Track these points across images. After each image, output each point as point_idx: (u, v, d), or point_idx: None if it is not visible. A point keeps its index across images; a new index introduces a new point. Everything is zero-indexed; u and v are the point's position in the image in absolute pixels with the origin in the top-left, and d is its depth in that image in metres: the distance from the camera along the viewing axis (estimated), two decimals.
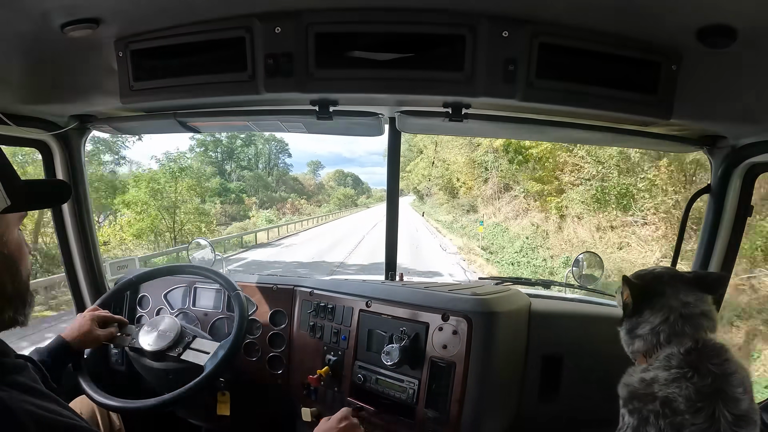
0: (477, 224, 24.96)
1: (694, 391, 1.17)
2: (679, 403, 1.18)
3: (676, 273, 1.40)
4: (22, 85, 1.59)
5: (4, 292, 0.93)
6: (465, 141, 25.70)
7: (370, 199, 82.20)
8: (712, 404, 1.15)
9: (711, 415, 1.15)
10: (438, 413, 1.59)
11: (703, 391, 1.17)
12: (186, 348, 1.88)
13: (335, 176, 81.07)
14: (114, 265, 2.49)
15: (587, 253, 2.50)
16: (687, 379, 1.20)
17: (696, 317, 1.29)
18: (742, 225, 1.90)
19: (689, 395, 1.17)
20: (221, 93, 1.59)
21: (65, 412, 0.88)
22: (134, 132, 2.51)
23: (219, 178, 50.78)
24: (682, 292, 1.32)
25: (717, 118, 1.62)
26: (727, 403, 1.16)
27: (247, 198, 51.21)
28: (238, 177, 55.74)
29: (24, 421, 0.80)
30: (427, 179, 36.60)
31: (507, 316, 1.66)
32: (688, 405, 1.16)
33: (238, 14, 1.44)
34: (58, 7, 1.29)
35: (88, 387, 1.77)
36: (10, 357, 0.92)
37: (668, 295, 1.33)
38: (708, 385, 1.18)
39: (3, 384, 0.84)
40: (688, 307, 1.30)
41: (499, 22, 1.39)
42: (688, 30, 1.30)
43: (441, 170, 31.89)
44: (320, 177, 76.64)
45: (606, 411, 1.85)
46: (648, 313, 1.34)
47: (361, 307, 1.84)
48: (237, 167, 56.41)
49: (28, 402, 0.83)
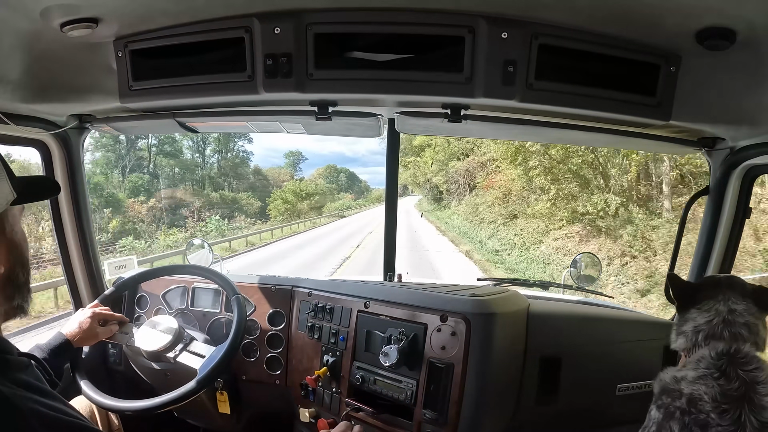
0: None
1: (719, 392, 1.18)
2: (704, 402, 1.18)
3: (735, 281, 1.41)
4: (21, 84, 1.59)
5: (16, 281, 0.98)
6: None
7: (364, 200, 69.52)
8: (738, 408, 1.15)
9: (737, 418, 1.14)
10: (436, 414, 1.59)
11: (729, 394, 1.17)
12: (183, 350, 1.88)
13: (326, 173, 68.86)
14: (112, 265, 2.48)
15: (585, 254, 2.50)
16: (714, 379, 1.20)
17: (738, 325, 1.30)
18: (741, 227, 1.90)
19: (714, 395, 1.17)
20: (220, 93, 1.59)
21: (69, 411, 0.88)
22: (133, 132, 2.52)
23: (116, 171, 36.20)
24: (732, 300, 1.34)
25: (715, 120, 1.62)
26: (753, 409, 1.15)
27: (135, 200, 33.63)
28: (155, 164, 39.90)
29: (29, 418, 0.80)
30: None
31: (505, 317, 1.66)
32: (713, 405, 1.17)
33: (238, 14, 1.45)
34: (57, 6, 1.29)
35: (87, 387, 1.77)
36: (13, 354, 0.92)
37: (719, 299, 1.35)
38: (735, 389, 1.18)
39: (7, 381, 0.84)
40: (733, 315, 1.31)
41: (498, 23, 1.39)
42: (687, 32, 1.30)
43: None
44: (302, 172, 62.97)
45: (604, 412, 1.86)
46: (695, 312, 1.37)
47: (360, 307, 1.83)
48: (155, 152, 40.27)
49: (32, 400, 0.83)
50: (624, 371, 1.86)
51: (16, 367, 0.89)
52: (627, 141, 1.87)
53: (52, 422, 0.83)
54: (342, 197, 64.60)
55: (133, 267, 2.58)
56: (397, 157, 2.30)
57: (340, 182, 70.65)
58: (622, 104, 1.52)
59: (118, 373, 2.22)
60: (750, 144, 1.71)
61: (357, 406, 1.75)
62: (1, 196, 0.93)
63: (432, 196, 38.39)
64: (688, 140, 1.82)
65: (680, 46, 1.41)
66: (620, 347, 1.90)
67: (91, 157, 35.10)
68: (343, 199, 64.61)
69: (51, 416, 0.83)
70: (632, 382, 1.86)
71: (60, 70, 1.63)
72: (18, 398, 0.81)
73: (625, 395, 1.85)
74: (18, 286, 0.98)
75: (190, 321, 2.16)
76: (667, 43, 1.41)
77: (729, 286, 1.37)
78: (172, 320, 1.93)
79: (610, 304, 2.39)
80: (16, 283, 0.98)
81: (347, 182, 73.08)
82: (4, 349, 0.91)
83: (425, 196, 43.28)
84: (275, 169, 57.39)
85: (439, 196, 36.25)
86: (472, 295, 1.66)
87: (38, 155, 2.08)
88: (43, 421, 0.82)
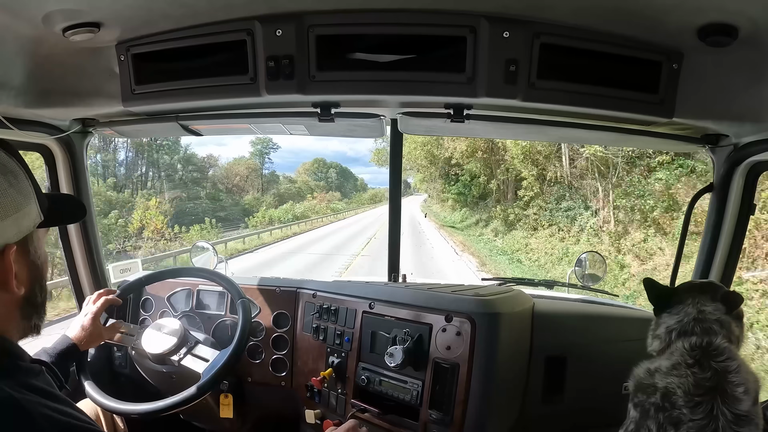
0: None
1: (693, 382, 1.21)
2: (677, 396, 1.21)
3: (707, 286, 1.46)
4: (24, 89, 1.59)
5: (35, 301, 0.98)
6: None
7: (347, 202, 57.84)
8: (711, 400, 1.18)
9: (709, 411, 1.17)
10: (442, 414, 1.59)
11: (702, 384, 1.21)
12: (187, 353, 1.89)
13: (312, 167, 58.63)
14: (117, 269, 2.48)
15: (590, 252, 2.49)
16: (688, 366, 1.24)
17: (709, 322, 1.34)
18: (745, 223, 1.89)
19: (688, 387, 1.21)
20: (223, 96, 1.60)
21: (80, 416, 0.89)
22: (136, 135, 2.52)
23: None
24: (701, 302, 1.38)
25: (719, 116, 1.62)
26: (726, 400, 1.18)
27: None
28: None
29: (42, 424, 0.81)
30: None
31: (510, 317, 1.66)
32: (686, 399, 1.20)
33: (239, 17, 1.45)
34: (59, 11, 1.29)
35: (92, 389, 1.78)
36: (26, 361, 0.93)
37: (689, 303, 1.39)
38: (707, 378, 1.21)
39: (20, 387, 0.84)
40: (703, 314, 1.35)
41: (499, 22, 1.39)
42: (689, 29, 1.30)
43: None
44: (273, 165, 52.26)
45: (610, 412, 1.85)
46: (666, 316, 1.42)
47: (365, 308, 1.83)
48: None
49: (44, 405, 0.83)
50: (630, 370, 1.86)
51: (29, 373, 0.90)
52: (630, 139, 1.86)
53: (65, 427, 0.84)
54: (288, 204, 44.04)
55: (138, 270, 2.58)
56: (400, 158, 2.30)
57: (329, 179, 60.23)
58: (624, 102, 1.52)
59: (124, 375, 2.22)
60: (753, 140, 1.70)
61: (363, 407, 1.75)
62: (29, 218, 0.93)
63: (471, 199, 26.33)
64: (691, 137, 1.82)
65: (682, 42, 1.40)
66: (626, 346, 1.89)
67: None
68: (309, 201, 49.31)
69: (63, 421, 0.84)
70: None
71: (63, 74, 1.64)
72: (30, 403, 0.82)
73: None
74: (36, 306, 0.99)
75: (195, 323, 2.16)
76: (669, 40, 1.41)
77: (700, 291, 1.42)
78: (177, 323, 1.93)
79: (615, 302, 2.38)
80: (34, 304, 0.99)
81: (338, 180, 62.21)
82: (17, 356, 0.92)
83: (430, 196, 40.36)
84: (239, 163, 45.49)
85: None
86: (476, 295, 1.66)
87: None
88: (56, 426, 0.82)
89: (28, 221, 0.93)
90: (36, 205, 0.94)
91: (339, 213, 49.63)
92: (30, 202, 0.93)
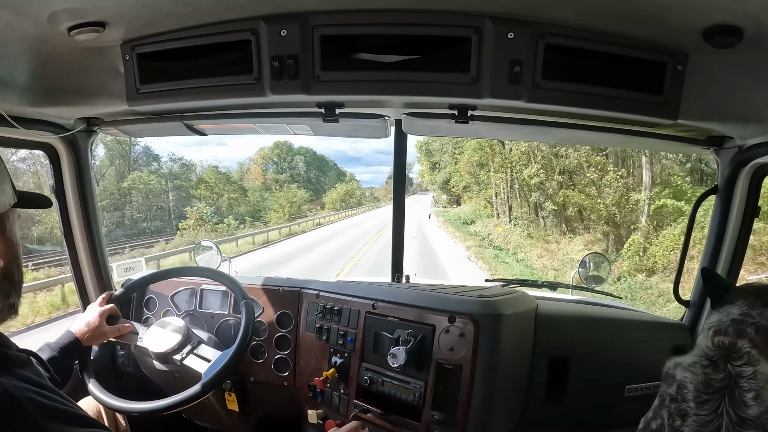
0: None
1: (703, 381, 1.23)
2: (688, 391, 1.24)
3: (761, 290, 1.45)
4: (29, 88, 1.60)
5: (12, 278, 1.03)
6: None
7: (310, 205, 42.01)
8: (719, 400, 1.20)
9: (715, 409, 1.19)
10: (444, 415, 1.59)
11: (712, 384, 1.22)
12: (190, 353, 1.89)
13: (272, 155, 45.04)
14: (121, 267, 2.49)
15: (593, 254, 2.49)
16: (702, 366, 1.25)
17: (746, 324, 1.35)
18: (750, 226, 1.89)
19: (698, 384, 1.23)
20: (227, 95, 1.60)
21: (67, 402, 0.92)
22: (141, 134, 2.53)
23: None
24: (749, 305, 1.38)
25: (724, 118, 1.61)
26: (733, 403, 1.19)
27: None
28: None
29: (26, 406, 0.83)
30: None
31: (514, 318, 1.65)
32: (694, 394, 1.23)
33: (244, 17, 1.45)
34: (64, 11, 1.30)
35: (94, 387, 1.79)
36: (12, 350, 0.95)
37: (737, 304, 1.40)
38: (719, 380, 1.22)
39: (5, 374, 0.87)
40: (744, 316, 1.36)
41: (504, 23, 1.39)
42: (694, 30, 1.30)
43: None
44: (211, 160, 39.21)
45: (613, 412, 1.85)
46: (715, 313, 1.44)
47: (368, 309, 1.83)
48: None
49: (30, 390, 0.86)
50: (633, 372, 1.85)
51: (15, 362, 0.92)
52: (635, 140, 1.86)
53: (50, 410, 0.86)
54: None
55: (142, 269, 2.59)
56: (404, 158, 2.30)
57: (295, 171, 45.31)
58: (629, 103, 1.51)
59: (127, 374, 2.23)
60: (758, 142, 1.69)
61: (365, 408, 1.75)
62: (4, 198, 0.99)
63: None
64: (696, 139, 1.81)
65: (687, 44, 1.40)
66: (629, 348, 1.89)
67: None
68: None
69: (48, 405, 0.86)
70: (641, 383, 1.85)
71: (68, 73, 1.65)
72: (15, 389, 0.84)
73: (633, 396, 1.84)
74: (14, 283, 1.03)
75: (198, 322, 2.16)
76: (674, 40, 1.40)
77: (756, 294, 1.41)
78: (180, 322, 1.94)
79: (618, 304, 2.37)
80: (12, 281, 1.03)
81: (309, 173, 46.84)
82: (2, 344, 0.93)
83: (438, 197, 35.09)
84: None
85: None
86: (480, 296, 1.66)
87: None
88: (40, 409, 0.85)
89: (4, 198, 0.99)
90: (10, 186, 1.01)
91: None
92: (5, 181, 1.00)
